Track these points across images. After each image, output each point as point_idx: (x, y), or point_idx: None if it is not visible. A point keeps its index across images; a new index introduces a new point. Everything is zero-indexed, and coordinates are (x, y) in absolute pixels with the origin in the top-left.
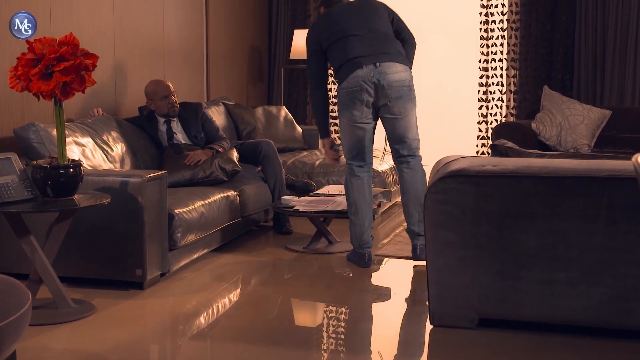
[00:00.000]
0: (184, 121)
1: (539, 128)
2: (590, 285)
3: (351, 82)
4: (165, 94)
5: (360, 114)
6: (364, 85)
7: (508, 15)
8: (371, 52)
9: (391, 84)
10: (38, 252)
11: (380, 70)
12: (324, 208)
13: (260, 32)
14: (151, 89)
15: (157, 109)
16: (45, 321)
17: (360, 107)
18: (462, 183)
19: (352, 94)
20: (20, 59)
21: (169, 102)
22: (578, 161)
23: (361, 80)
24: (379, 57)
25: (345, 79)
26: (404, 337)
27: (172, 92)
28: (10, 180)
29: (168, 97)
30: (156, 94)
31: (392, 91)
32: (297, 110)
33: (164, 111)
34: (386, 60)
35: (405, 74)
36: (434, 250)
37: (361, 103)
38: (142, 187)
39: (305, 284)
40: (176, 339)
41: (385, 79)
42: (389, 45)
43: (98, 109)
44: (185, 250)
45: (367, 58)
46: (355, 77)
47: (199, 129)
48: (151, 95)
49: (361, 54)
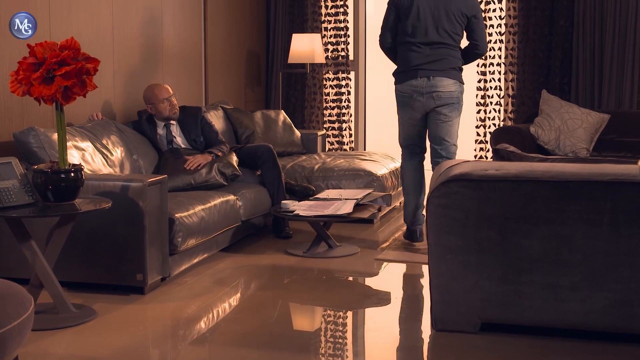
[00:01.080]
0: (183, 125)
1: (538, 132)
2: (593, 290)
3: (404, 89)
4: (166, 96)
5: (411, 115)
6: (415, 94)
7: (506, 20)
8: (427, 64)
9: (440, 95)
10: (39, 257)
11: (432, 84)
12: (324, 212)
13: (258, 36)
14: (151, 93)
15: (157, 113)
16: (46, 326)
17: (410, 110)
18: (465, 187)
19: (404, 98)
20: (21, 63)
21: (170, 105)
22: (581, 165)
23: (413, 90)
24: (433, 72)
25: (400, 83)
26: (405, 342)
27: (172, 94)
28: (11, 184)
29: (169, 99)
30: (157, 97)
31: (440, 101)
32: (295, 114)
33: (165, 114)
34: (439, 75)
35: (454, 87)
36: (436, 254)
37: (412, 107)
38: (142, 192)
39: (306, 288)
40: (177, 344)
41: (436, 91)
42: (445, 61)
43: (97, 114)
44: (186, 255)
45: (423, 71)
46: (409, 85)
47: (198, 133)
48: (151, 99)
49: (418, 65)
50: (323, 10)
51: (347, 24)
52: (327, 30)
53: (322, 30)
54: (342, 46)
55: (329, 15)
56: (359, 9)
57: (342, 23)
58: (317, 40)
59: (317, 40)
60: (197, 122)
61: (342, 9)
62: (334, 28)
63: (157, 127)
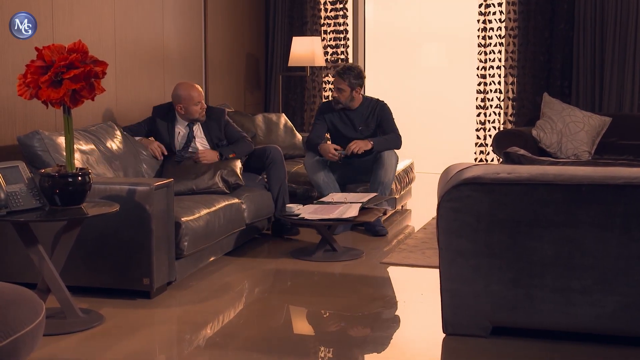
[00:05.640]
0: (207, 127)
1: (540, 135)
2: (604, 294)
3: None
4: (201, 99)
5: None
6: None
7: (506, 23)
8: None
9: None
10: (46, 262)
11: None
12: (330, 216)
13: (258, 39)
14: (186, 94)
15: (187, 114)
16: (54, 331)
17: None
18: (477, 191)
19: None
20: (29, 66)
21: (201, 107)
22: (593, 168)
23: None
24: None
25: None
26: (415, 346)
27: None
28: (18, 188)
29: (201, 102)
30: (192, 99)
31: None
32: (295, 117)
33: (194, 116)
34: None
35: None
36: (447, 258)
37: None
38: (149, 196)
39: (311, 292)
40: (184, 348)
41: None
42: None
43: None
44: (191, 259)
45: None
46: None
47: (221, 137)
48: (186, 100)
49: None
50: (322, 13)
51: (346, 27)
52: (327, 34)
53: (321, 33)
54: (341, 49)
55: (329, 19)
56: (358, 12)
57: (341, 26)
58: (317, 43)
59: (318, 43)
60: (220, 126)
61: (342, 12)
62: (333, 31)
63: (176, 126)
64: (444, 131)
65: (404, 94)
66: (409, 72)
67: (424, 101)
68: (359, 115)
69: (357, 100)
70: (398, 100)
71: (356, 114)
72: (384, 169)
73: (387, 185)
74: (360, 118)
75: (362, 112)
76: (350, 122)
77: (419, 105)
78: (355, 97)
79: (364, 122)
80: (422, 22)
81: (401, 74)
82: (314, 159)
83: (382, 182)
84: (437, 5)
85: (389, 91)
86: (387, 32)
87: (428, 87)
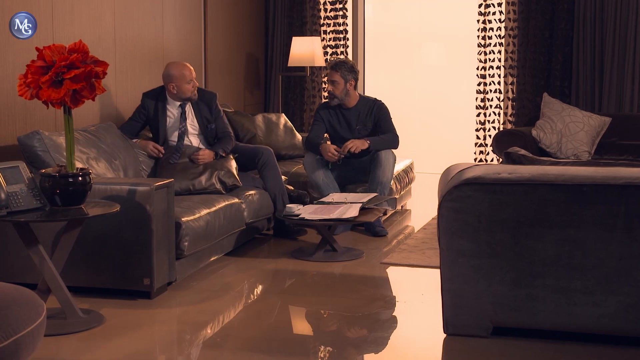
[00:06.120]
0: (198, 108)
1: (540, 135)
2: (606, 294)
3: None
4: (192, 77)
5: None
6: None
7: (506, 23)
8: None
9: None
10: (47, 262)
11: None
12: (330, 216)
13: (257, 39)
14: (178, 72)
15: (179, 93)
16: (55, 332)
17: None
18: (478, 191)
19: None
20: (29, 66)
21: (193, 86)
22: (594, 169)
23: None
24: None
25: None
26: (416, 346)
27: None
28: (18, 189)
29: (193, 80)
30: (184, 77)
31: None
32: (295, 117)
33: (187, 95)
34: None
35: None
36: (448, 258)
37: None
38: (150, 196)
39: (311, 292)
40: (185, 349)
41: None
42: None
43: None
44: (192, 259)
45: None
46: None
47: (211, 119)
48: (178, 78)
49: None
50: (322, 13)
51: (346, 27)
52: (327, 34)
53: (321, 33)
54: (341, 49)
55: (328, 19)
56: (358, 12)
57: (341, 26)
58: (317, 43)
59: (317, 43)
60: (211, 108)
61: (342, 12)
62: (333, 31)
63: (168, 108)
64: (443, 131)
65: (404, 94)
66: (409, 72)
67: (424, 101)
68: (356, 114)
69: (352, 97)
70: (398, 101)
71: (353, 113)
72: (381, 169)
73: (386, 185)
74: (358, 117)
75: (359, 111)
76: (347, 122)
77: (418, 106)
78: (351, 92)
79: (361, 122)
80: (422, 22)
81: (401, 74)
82: (313, 159)
83: (380, 182)
84: (437, 5)
85: (389, 91)
86: (387, 32)
87: (428, 87)
